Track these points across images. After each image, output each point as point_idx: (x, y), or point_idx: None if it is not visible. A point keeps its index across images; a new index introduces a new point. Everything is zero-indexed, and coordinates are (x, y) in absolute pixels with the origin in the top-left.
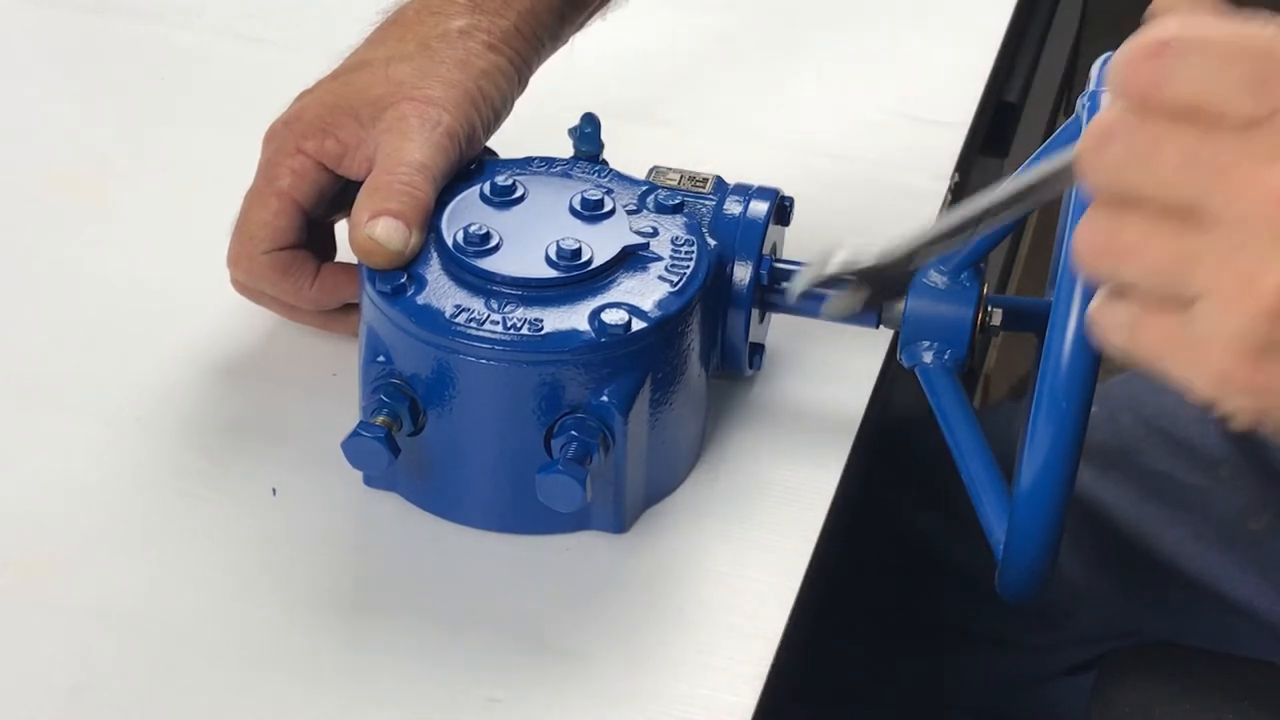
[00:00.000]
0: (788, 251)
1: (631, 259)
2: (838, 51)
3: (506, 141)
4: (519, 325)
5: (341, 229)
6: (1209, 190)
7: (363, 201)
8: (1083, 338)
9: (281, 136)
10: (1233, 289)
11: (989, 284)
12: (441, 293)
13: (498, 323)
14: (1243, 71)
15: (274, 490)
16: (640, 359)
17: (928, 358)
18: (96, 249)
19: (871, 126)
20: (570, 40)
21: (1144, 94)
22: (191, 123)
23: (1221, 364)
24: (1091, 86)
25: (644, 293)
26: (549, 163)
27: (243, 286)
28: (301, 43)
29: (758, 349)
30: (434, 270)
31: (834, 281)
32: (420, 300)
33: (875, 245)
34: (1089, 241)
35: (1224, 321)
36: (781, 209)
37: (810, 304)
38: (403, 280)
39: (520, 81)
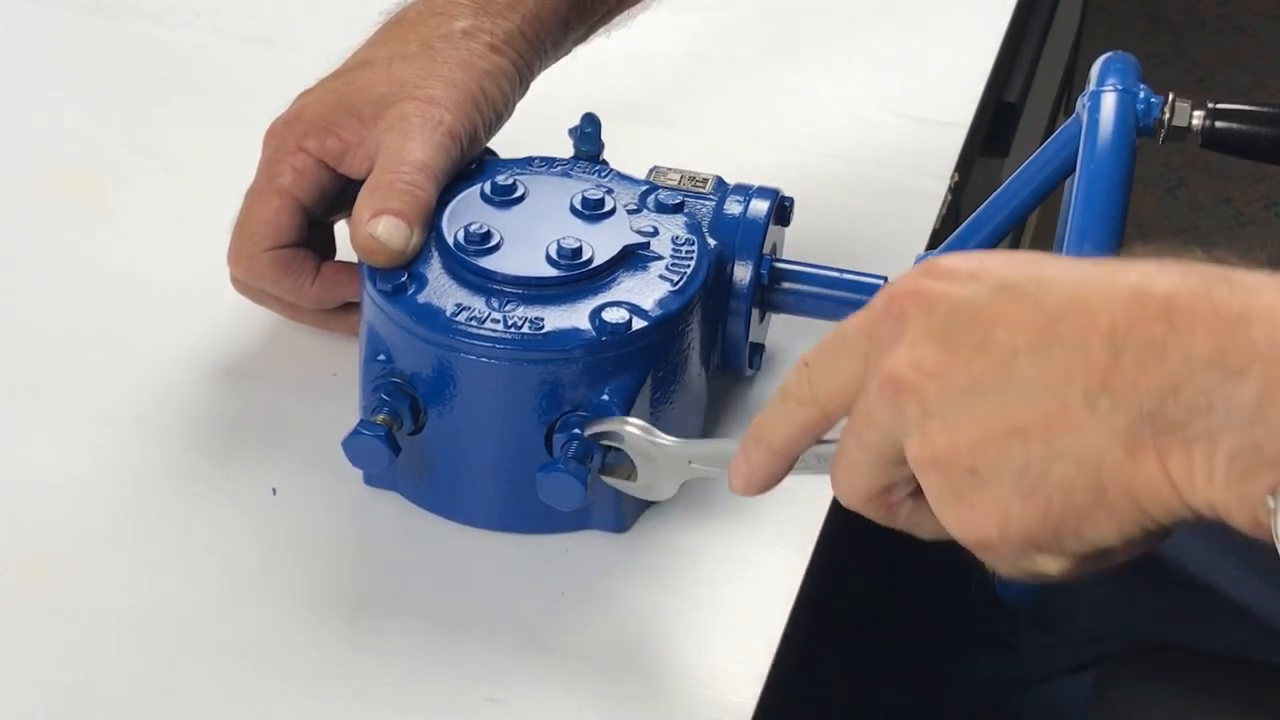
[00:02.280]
0: (788, 251)
1: (632, 258)
2: (838, 51)
3: (507, 141)
4: (520, 324)
5: (342, 228)
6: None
7: (364, 200)
8: None
9: (283, 135)
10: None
11: None
12: (442, 291)
13: (498, 321)
14: (847, 345)
15: (274, 490)
16: (641, 358)
17: None
18: (96, 249)
19: (871, 126)
20: (572, 50)
21: (805, 395)
22: (191, 123)
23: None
24: (1092, 86)
25: (644, 292)
26: (549, 162)
27: (243, 285)
28: (301, 43)
29: (758, 349)
30: (435, 269)
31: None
32: (421, 299)
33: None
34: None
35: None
36: (781, 209)
37: (806, 303)
38: (403, 279)
39: (522, 84)
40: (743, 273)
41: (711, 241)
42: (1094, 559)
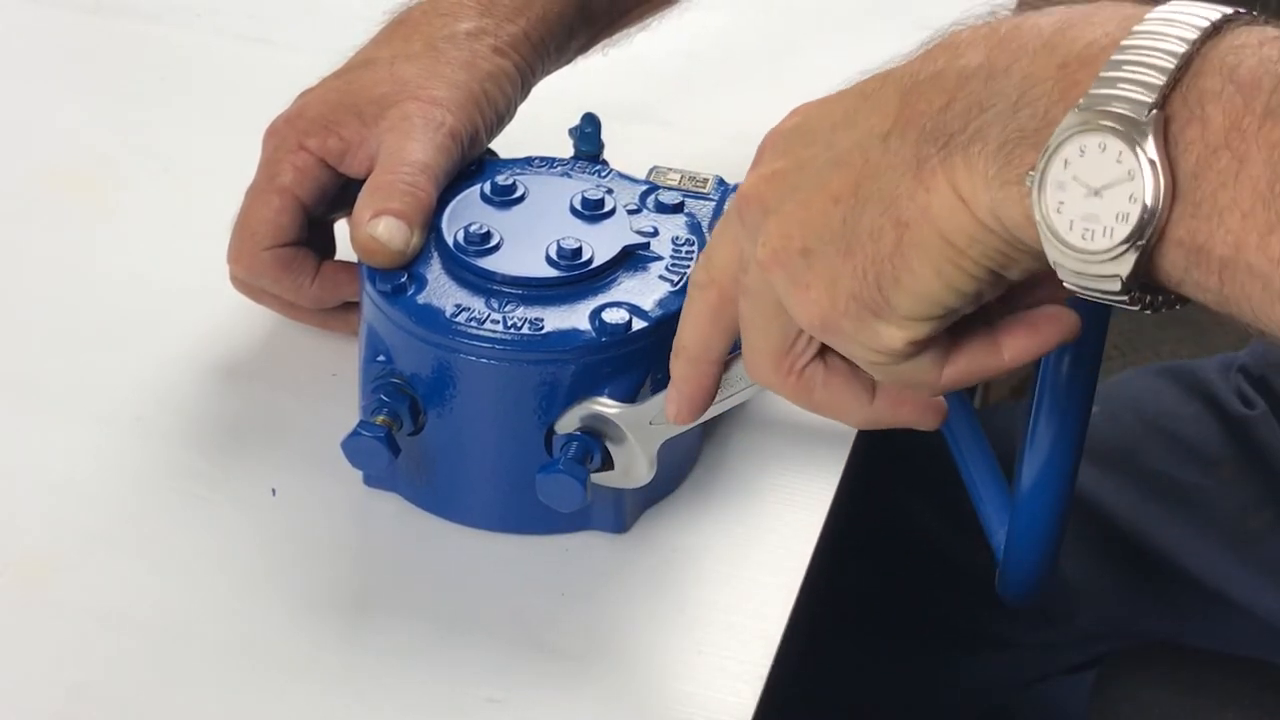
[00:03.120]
0: None
1: (632, 258)
2: (837, 51)
3: (507, 141)
4: (519, 324)
5: (341, 228)
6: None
7: (365, 200)
8: (1083, 338)
9: (284, 133)
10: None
11: None
12: (442, 292)
13: (498, 322)
14: (729, 214)
15: (274, 490)
16: (641, 358)
17: None
18: (96, 249)
19: None
20: (574, 60)
21: (704, 278)
22: (191, 123)
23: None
24: None
25: (644, 292)
26: (549, 162)
27: (243, 284)
28: (302, 43)
29: None
30: (434, 270)
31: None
32: (420, 299)
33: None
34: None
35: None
36: None
37: None
38: (403, 279)
39: (524, 87)
40: None
41: None
42: (936, 321)
